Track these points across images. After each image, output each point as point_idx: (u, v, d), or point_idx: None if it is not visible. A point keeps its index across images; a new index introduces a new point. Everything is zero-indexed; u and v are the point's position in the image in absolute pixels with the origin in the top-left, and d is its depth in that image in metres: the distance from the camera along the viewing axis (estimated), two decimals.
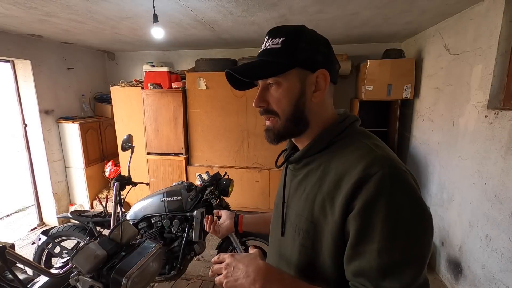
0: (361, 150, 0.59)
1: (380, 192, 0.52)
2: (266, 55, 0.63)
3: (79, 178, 3.62)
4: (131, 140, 1.88)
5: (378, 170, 0.53)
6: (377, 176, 0.53)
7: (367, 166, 0.54)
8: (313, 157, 0.67)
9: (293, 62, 0.61)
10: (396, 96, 2.91)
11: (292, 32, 0.62)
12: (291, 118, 0.64)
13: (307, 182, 0.66)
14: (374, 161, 0.55)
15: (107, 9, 2.06)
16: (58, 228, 2.19)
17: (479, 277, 1.92)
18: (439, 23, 2.52)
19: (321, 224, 0.60)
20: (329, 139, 0.65)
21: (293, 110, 0.64)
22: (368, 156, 0.56)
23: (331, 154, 0.64)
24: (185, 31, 2.76)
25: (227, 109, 3.28)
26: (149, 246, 1.41)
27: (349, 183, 0.55)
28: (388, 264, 0.51)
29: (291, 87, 0.63)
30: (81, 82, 3.81)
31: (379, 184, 0.52)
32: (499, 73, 1.79)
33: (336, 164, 0.61)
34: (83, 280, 1.20)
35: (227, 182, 2.13)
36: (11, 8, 2.03)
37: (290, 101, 0.63)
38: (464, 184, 2.10)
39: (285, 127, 0.65)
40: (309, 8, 2.09)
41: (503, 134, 1.72)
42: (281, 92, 0.63)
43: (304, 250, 0.64)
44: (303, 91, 0.63)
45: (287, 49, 0.61)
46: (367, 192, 0.53)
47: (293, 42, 0.61)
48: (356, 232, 0.53)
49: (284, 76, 0.62)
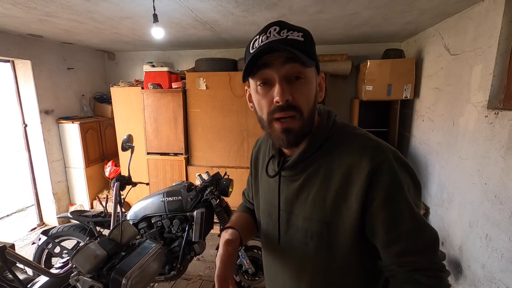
0: (357, 143, 0.62)
1: (394, 177, 0.57)
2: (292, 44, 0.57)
3: (79, 178, 3.62)
4: (131, 140, 1.88)
5: (384, 158, 0.58)
6: (386, 164, 0.57)
7: (372, 157, 0.58)
8: (309, 160, 0.65)
9: (313, 59, 0.60)
10: (396, 96, 2.91)
11: (307, 32, 0.61)
12: (311, 114, 0.62)
13: (310, 186, 0.65)
14: (376, 150, 0.59)
15: (107, 9, 2.06)
16: (58, 228, 2.19)
17: (479, 277, 1.92)
18: (439, 23, 2.52)
19: (336, 222, 0.61)
20: (322, 139, 0.64)
21: (312, 106, 0.62)
22: (368, 148, 0.60)
23: (327, 152, 0.64)
24: (185, 31, 2.76)
25: (227, 109, 3.28)
26: (149, 246, 1.41)
27: (361, 176, 0.57)
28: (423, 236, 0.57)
29: (313, 82, 0.62)
30: (81, 82, 3.81)
31: (391, 170, 0.57)
32: (499, 73, 1.79)
33: (337, 161, 0.62)
34: (83, 280, 1.20)
35: (227, 182, 2.13)
36: (11, 8, 2.03)
37: (312, 97, 0.62)
38: (464, 184, 2.10)
39: (305, 126, 0.62)
40: (309, 8, 2.09)
41: (503, 134, 1.72)
42: (308, 86, 0.61)
43: (320, 252, 0.64)
44: (317, 89, 0.64)
45: (309, 45, 0.60)
46: (384, 180, 0.56)
47: (311, 40, 0.61)
48: (387, 219, 0.57)
49: (309, 71, 0.60)
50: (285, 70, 0.58)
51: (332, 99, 3.50)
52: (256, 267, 2.10)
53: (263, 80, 0.61)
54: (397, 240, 0.57)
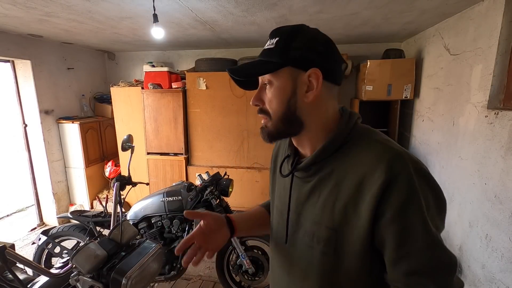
0: (375, 150, 0.58)
1: (411, 190, 0.53)
2: (263, 55, 0.64)
3: (79, 178, 3.62)
4: (131, 140, 1.88)
5: (402, 170, 0.54)
6: (403, 176, 0.53)
7: (389, 166, 0.54)
8: (323, 163, 0.64)
9: (285, 61, 0.60)
10: (396, 96, 2.91)
11: (287, 32, 0.61)
12: (282, 117, 0.63)
13: (321, 189, 0.64)
14: (394, 160, 0.55)
15: (107, 9, 2.06)
16: (58, 228, 2.19)
17: (479, 277, 1.92)
18: (439, 23, 2.52)
19: (343, 230, 0.60)
20: (340, 142, 0.63)
21: (283, 110, 0.62)
22: (385, 156, 0.56)
23: (342, 157, 0.62)
24: (185, 31, 2.76)
25: (227, 109, 3.28)
26: (149, 246, 1.41)
27: (374, 186, 0.55)
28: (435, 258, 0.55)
29: (282, 86, 0.62)
30: (81, 82, 3.81)
31: (408, 183, 0.53)
32: (499, 73, 1.79)
33: (352, 167, 0.60)
34: (83, 280, 1.20)
35: (227, 182, 2.13)
36: (11, 8, 2.03)
37: (281, 101, 0.62)
38: (464, 184, 2.10)
39: (276, 127, 0.64)
40: (309, 8, 2.09)
41: (503, 134, 1.72)
42: (273, 91, 0.62)
43: (326, 258, 0.63)
44: (295, 90, 0.61)
45: (280, 48, 0.60)
46: (399, 194, 0.53)
47: (286, 41, 0.61)
48: (398, 235, 0.54)
49: (276, 75, 0.61)
50: (260, 78, 0.66)
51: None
52: (256, 267, 2.10)
53: None
54: (406, 257, 0.55)
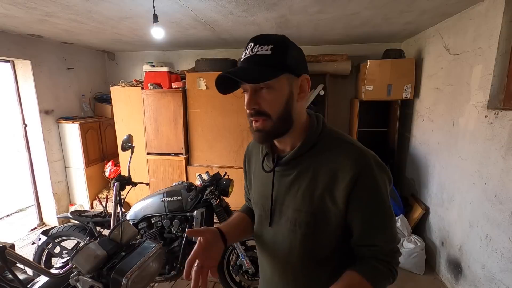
0: (344, 148, 0.73)
1: (374, 179, 0.70)
2: (257, 60, 0.67)
3: (79, 178, 3.62)
4: (131, 140, 1.88)
5: (366, 163, 0.70)
6: (368, 168, 0.69)
7: (356, 162, 0.69)
8: (300, 158, 0.75)
9: (284, 68, 0.68)
10: (396, 96, 2.91)
11: (280, 41, 0.68)
12: (281, 117, 0.71)
13: (300, 181, 0.75)
14: (359, 156, 0.71)
15: (107, 9, 2.06)
16: (58, 228, 2.19)
17: (479, 277, 1.92)
18: (439, 23, 2.52)
19: (322, 213, 0.73)
20: (314, 141, 0.74)
21: (283, 110, 0.70)
22: (353, 153, 0.71)
23: (317, 154, 0.75)
24: (185, 31, 2.76)
25: (227, 109, 3.28)
26: (149, 246, 1.41)
27: (346, 177, 0.69)
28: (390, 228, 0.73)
29: (282, 88, 0.69)
30: (81, 82, 3.81)
31: (372, 174, 0.69)
32: (499, 73, 1.79)
33: (326, 163, 0.72)
34: (83, 280, 1.20)
35: (227, 182, 2.13)
36: (11, 8, 2.03)
37: (281, 102, 0.70)
38: (464, 184, 2.10)
39: (276, 126, 0.71)
40: (309, 8, 2.09)
41: (503, 134, 1.72)
42: (274, 94, 0.69)
43: (306, 238, 0.75)
44: (291, 93, 0.71)
45: (278, 56, 0.67)
46: (367, 182, 0.69)
47: (282, 49, 0.68)
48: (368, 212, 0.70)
49: (276, 80, 0.68)
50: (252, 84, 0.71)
51: (332, 99, 3.50)
52: (256, 267, 2.10)
53: (244, 90, 0.73)
54: (372, 229, 0.72)
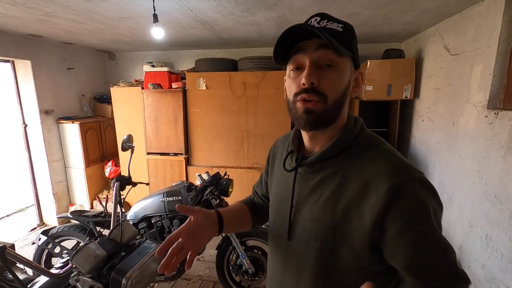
0: (384, 158, 0.61)
1: (419, 199, 0.55)
2: (328, 32, 0.58)
3: (79, 178, 3.62)
4: (131, 140, 1.88)
5: (407, 178, 0.56)
6: (408, 185, 0.55)
7: (394, 174, 0.56)
8: (328, 162, 0.65)
9: (351, 51, 0.61)
10: (396, 96, 2.91)
11: (348, 24, 0.63)
12: (337, 103, 0.62)
13: (324, 188, 0.64)
14: (399, 169, 0.58)
15: (107, 9, 2.06)
16: (58, 228, 2.19)
17: (479, 277, 1.92)
18: (439, 23, 2.52)
19: (343, 228, 0.60)
20: (347, 143, 0.64)
21: (340, 96, 0.62)
22: (392, 164, 0.59)
23: (347, 159, 0.63)
24: (185, 31, 2.76)
25: (227, 109, 3.28)
26: (149, 246, 1.41)
27: (379, 191, 0.56)
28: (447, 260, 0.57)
29: (346, 73, 0.62)
30: (81, 82, 3.81)
31: (415, 192, 0.55)
32: (499, 73, 1.79)
33: (357, 171, 0.61)
34: (83, 280, 1.20)
35: (227, 182, 2.13)
36: (11, 8, 2.03)
37: (342, 87, 0.62)
38: (464, 184, 2.10)
39: (328, 111, 0.61)
40: (309, 8, 2.09)
41: (503, 134, 1.72)
42: (337, 75, 0.61)
43: (321, 255, 0.64)
44: (350, 82, 0.63)
45: (348, 37, 0.61)
46: (408, 202, 0.55)
47: (351, 32, 0.62)
48: (413, 243, 0.56)
49: (343, 61, 0.61)
50: (317, 55, 0.60)
51: None
52: (256, 267, 2.10)
53: (296, 66, 0.63)
54: (424, 265, 0.56)
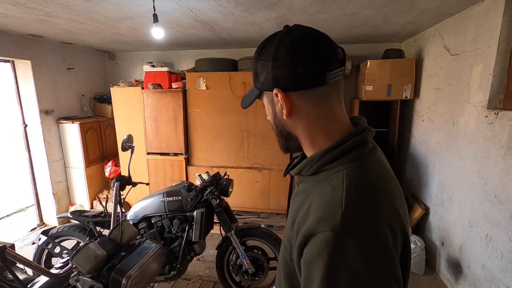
0: (330, 198, 0.51)
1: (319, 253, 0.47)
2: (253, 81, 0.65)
3: (79, 178, 3.62)
4: (131, 140, 1.88)
5: (330, 230, 0.47)
6: (320, 235, 0.48)
7: (319, 219, 0.49)
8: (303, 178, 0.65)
9: (259, 87, 0.62)
10: (396, 96, 2.91)
11: (255, 55, 0.61)
12: (278, 134, 0.67)
13: (295, 201, 0.64)
14: (328, 217, 0.49)
15: (107, 9, 2.06)
16: (58, 228, 2.19)
17: (479, 277, 1.92)
18: (439, 23, 2.52)
19: (291, 244, 0.58)
20: (315, 168, 0.58)
21: (275, 127, 0.67)
22: (328, 209, 0.50)
23: (316, 182, 0.58)
24: (185, 31, 2.76)
25: (227, 109, 3.28)
26: (149, 246, 1.41)
27: (305, 227, 0.51)
28: None
29: (267, 107, 0.65)
30: (81, 82, 3.81)
31: (319, 245, 0.47)
32: (499, 73, 1.79)
33: (314, 198, 0.56)
34: (83, 280, 1.20)
35: (227, 182, 2.13)
36: (11, 8, 2.03)
37: (271, 120, 0.66)
38: (464, 184, 2.10)
39: (278, 141, 0.69)
40: (309, 8, 2.09)
41: (503, 134, 1.72)
42: (267, 110, 0.66)
43: (285, 262, 0.62)
44: (275, 110, 0.62)
45: (254, 76, 0.62)
46: (309, 248, 0.49)
47: (254, 67, 0.61)
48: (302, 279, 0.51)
49: (262, 99, 0.65)
50: None
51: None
52: (256, 267, 2.10)
53: None
54: None
